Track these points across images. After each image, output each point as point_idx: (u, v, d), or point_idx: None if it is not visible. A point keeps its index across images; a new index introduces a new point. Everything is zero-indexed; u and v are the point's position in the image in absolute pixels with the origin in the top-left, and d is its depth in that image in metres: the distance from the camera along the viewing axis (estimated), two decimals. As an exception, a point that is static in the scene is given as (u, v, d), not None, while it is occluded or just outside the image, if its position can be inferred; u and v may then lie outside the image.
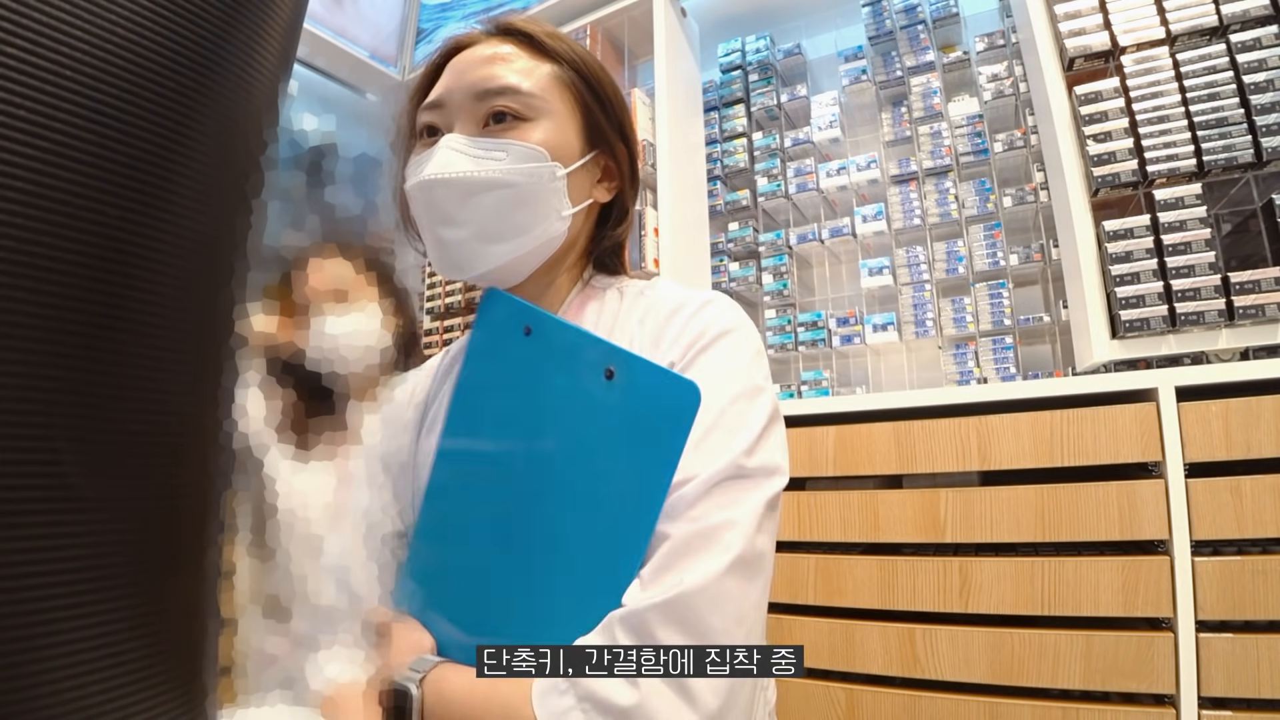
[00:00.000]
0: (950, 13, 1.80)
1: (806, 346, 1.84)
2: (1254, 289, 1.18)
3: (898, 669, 1.21)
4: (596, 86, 0.63)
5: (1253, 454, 1.03)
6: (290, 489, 0.91)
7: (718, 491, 0.47)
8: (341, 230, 0.97)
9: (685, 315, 0.56)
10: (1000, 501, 1.17)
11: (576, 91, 0.61)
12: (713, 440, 0.49)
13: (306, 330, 0.92)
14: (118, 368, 0.20)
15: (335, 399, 0.97)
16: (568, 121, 0.60)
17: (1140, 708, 1.06)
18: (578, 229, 0.63)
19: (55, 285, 0.18)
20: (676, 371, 0.51)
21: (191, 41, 0.21)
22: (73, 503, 0.19)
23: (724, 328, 0.55)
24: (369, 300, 0.96)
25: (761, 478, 0.50)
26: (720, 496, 0.47)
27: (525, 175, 0.56)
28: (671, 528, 0.46)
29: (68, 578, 0.19)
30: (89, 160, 0.19)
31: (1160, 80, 1.32)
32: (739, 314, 0.58)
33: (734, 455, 0.48)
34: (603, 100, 0.63)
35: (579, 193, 0.61)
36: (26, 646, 0.18)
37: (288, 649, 0.86)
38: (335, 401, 0.97)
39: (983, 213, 1.68)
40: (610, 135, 0.63)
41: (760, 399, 0.53)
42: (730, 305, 0.59)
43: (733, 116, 2.05)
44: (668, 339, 0.56)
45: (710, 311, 0.57)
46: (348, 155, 0.93)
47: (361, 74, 2.40)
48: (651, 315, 0.59)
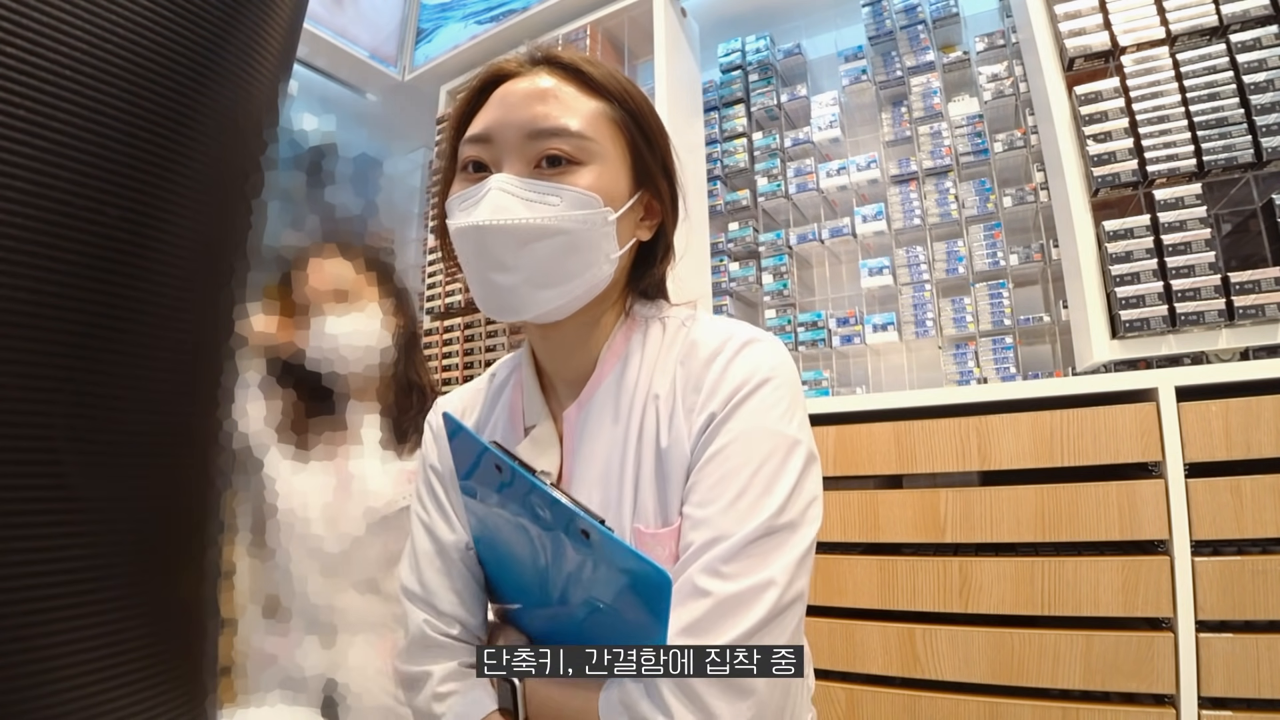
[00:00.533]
0: (950, 13, 1.80)
1: (806, 346, 1.84)
2: (1254, 289, 1.18)
3: (898, 669, 1.21)
4: (644, 124, 0.62)
5: (1253, 454, 1.03)
6: (290, 489, 0.91)
7: (753, 549, 0.50)
8: (341, 230, 0.97)
9: (724, 361, 0.57)
10: (1000, 501, 1.17)
11: (626, 132, 0.60)
12: (746, 501, 0.51)
13: (306, 330, 0.92)
14: (118, 368, 0.20)
15: (335, 399, 0.97)
16: (618, 164, 0.59)
17: (1140, 708, 1.06)
18: (621, 267, 0.62)
19: (55, 285, 0.18)
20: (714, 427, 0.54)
21: (191, 42, 0.21)
22: (72, 503, 0.19)
23: (764, 376, 0.56)
24: (369, 300, 0.96)
25: (792, 532, 0.52)
26: (755, 554, 0.50)
27: (579, 222, 0.55)
28: (710, 584, 0.49)
29: (68, 578, 0.19)
30: (89, 160, 0.19)
31: (1160, 80, 1.32)
32: (778, 357, 0.58)
33: (767, 515, 0.51)
34: (649, 138, 0.62)
35: (625, 234, 0.60)
36: (27, 646, 0.18)
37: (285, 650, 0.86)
38: (335, 401, 0.97)
39: (983, 213, 1.68)
40: (655, 174, 0.62)
41: (795, 454, 0.54)
42: (770, 349, 0.58)
43: (733, 116, 2.05)
44: (707, 386, 0.56)
45: (750, 357, 0.57)
46: (348, 155, 0.93)
47: (361, 74, 2.40)
48: (692, 357, 0.59)
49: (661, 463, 0.57)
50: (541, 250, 0.55)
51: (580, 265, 0.57)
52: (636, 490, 0.58)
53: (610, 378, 0.62)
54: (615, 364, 0.62)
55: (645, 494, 0.57)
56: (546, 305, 0.57)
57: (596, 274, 0.58)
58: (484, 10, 2.28)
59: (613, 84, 0.60)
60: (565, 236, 0.55)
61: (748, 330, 0.59)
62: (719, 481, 0.53)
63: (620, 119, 0.60)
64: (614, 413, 0.60)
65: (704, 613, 0.48)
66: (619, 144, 0.60)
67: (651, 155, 0.62)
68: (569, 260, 0.56)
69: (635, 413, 0.59)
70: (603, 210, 0.56)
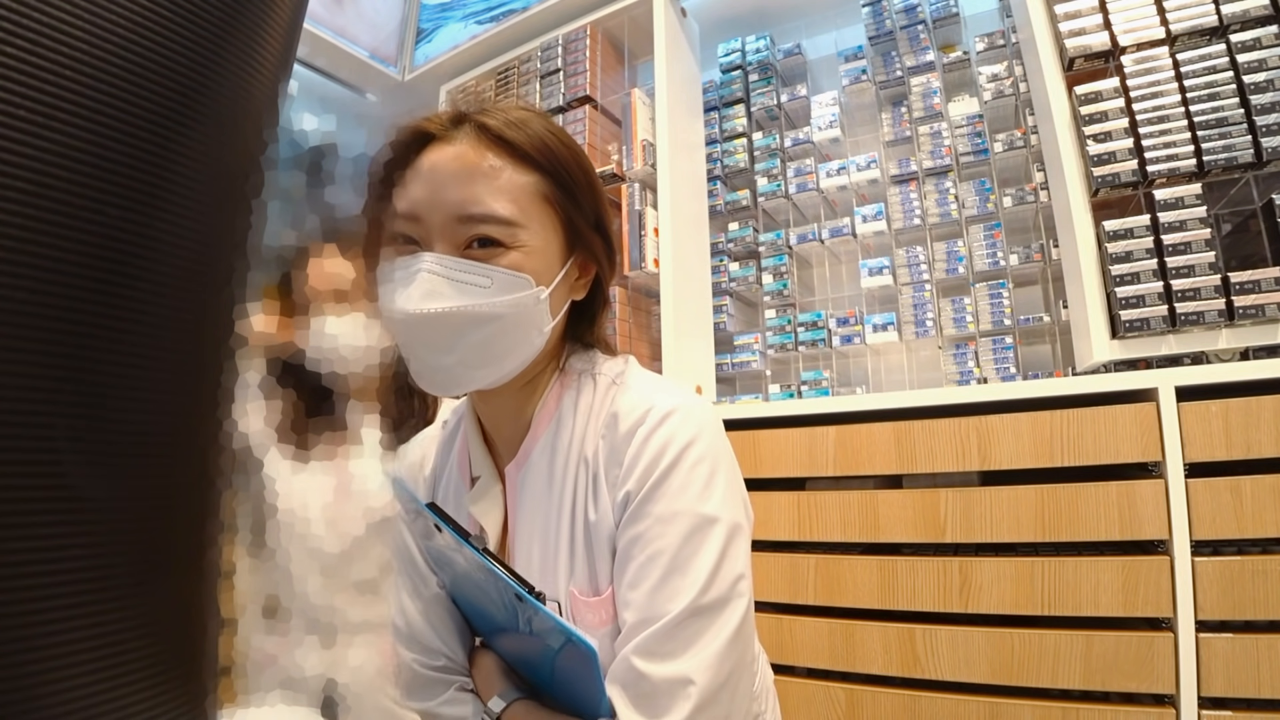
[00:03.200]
0: (950, 13, 1.80)
1: (806, 346, 1.84)
2: (1254, 289, 1.18)
3: (898, 669, 1.21)
4: (574, 188, 0.60)
5: (1253, 454, 1.03)
6: (290, 489, 0.91)
7: (682, 630, 0.51)
8: (341, 230, 0.97)
9: (642, 436, 0.57)
10: (1000, 501, 1.17)
11: (557, 205, 0.59)
12: (671, 585, 0.53)
13: (306, 330, 0.91)
14: (118, 368, 0.20)
15: (335, 399, 0.97)
16: (550, 238, 0.59)
17: (1140, 708, 1.06)
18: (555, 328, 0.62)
19: (56, 285, 0.18)
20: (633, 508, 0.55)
21: (191, 41, 0.21)
22: (73, 503, 0.19)
23: (679, 449, 0.56)
24: (369, 300, 0.95)
25: (720, 610, 0.53)
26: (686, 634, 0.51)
27: (510, 306, 0.56)
28: (645, 665, 0.51)
29: (68, 578, 0.19)
30: (89, 160, 0.19)
31: (1160, 80, 1.32)
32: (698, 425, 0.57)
33: (691, 597, 0.52)
34: (578, 198, 0.61)
35: (558, 303, 0.61)
36: (27, 646, 0.18)
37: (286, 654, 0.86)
38: (335, 402, 0.97)
39: (983, 213, 1.68)
40: (587, 234, 0.62)
41: (712, 532, 0.54)
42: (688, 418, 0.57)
43: (733, 116, 2.05)
44: (626, 462, 0.57)
45: (666, 431, 0.56)
46: (348, 155, 0.93)
47: (361, 74, 2.40)
48: (613, 429, 0.59)
49: (590, 534, 0.58)
50: (474, 337, 0.55)
51: (513, 344, 0.57)
52: (571, 555, 0.59)
53: (544, 438, 0.63)
54: (549, 424, 0.63)
55: (579, 560, 0.59)
56: (483, 382, 0.58)
57: (529, 349, 0.59)
58: (484, 10, 2.28)
59: (541, 150, 0.58)
60: (497, 322, 0.55)
61: (670, 397, 0.59)
62: (643, 565, 0.54)
63: (550, 193, 0.59)
64: (548, 475, 0.62)
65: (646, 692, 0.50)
66: (549, 218, 0.59)
67: (583, 217, 0.61)
68: (501, 341, 0.57)
69: (569, 476, 0.60)
70: (534, 291, 0.57)
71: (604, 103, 2.03)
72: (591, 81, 2.00)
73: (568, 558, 0.59)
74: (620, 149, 1.96)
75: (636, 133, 1.90)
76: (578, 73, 2.02)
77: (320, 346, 0.91)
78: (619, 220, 1.88)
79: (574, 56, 2.04)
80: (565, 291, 0.62)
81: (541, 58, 2.12)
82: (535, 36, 2.17)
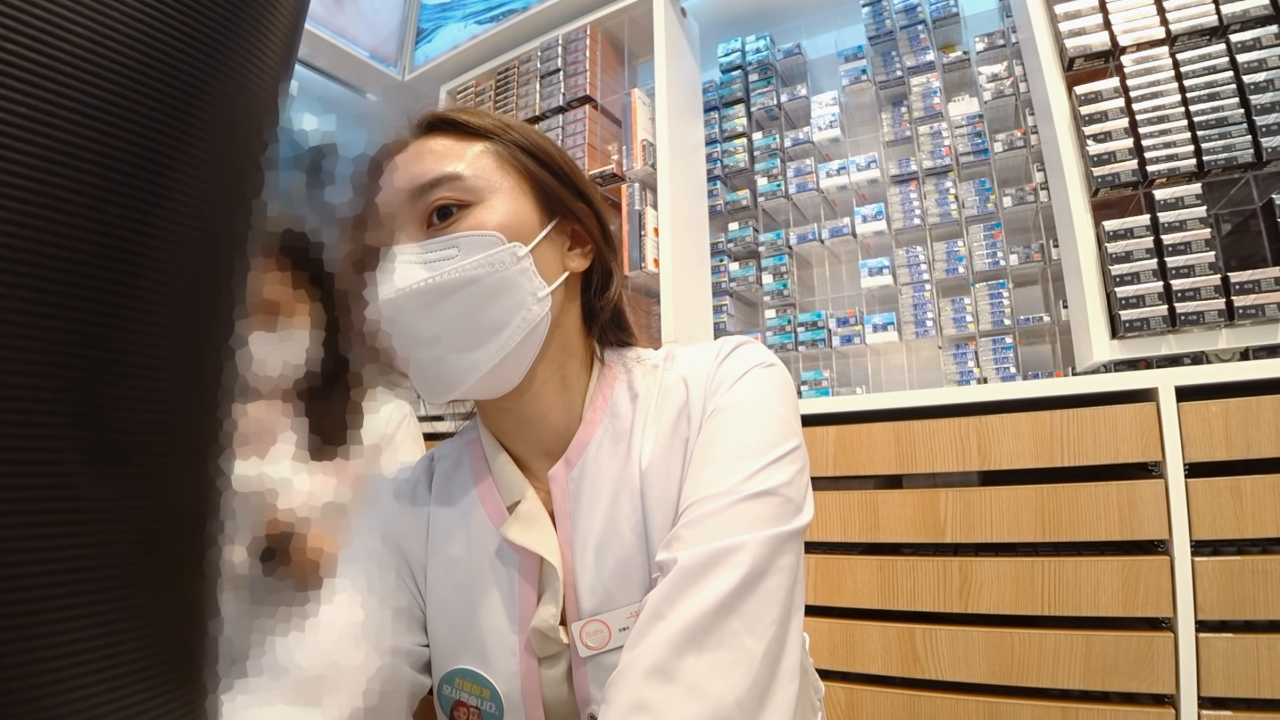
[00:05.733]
0: (950, 13, 1.80)
1: (806, 346, 1.84)
2: (1254, 289, 1.18)
3: (898, 669, 1.21)
4: (537, 151, 0.58)
5: (1253, 454, 1.03)
6: (290, 489, 0.90)
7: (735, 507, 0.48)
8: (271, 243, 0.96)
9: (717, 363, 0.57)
10: (1000, 501, 1.17)
11: (517, 162, 0.57)
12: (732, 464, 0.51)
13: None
14: (119, 368, 0.20)
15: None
16: (518, 195, 0.56)
17: (1140, 708, 1.06)
18: (561, 306, 0.58)
19: (56, 285, 0.18)
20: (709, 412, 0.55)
21: (192, 40, 0.21)
22: (74, 503, 0.19)
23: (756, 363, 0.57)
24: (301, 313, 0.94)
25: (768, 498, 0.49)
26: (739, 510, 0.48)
27: (485, 265, 0.51)
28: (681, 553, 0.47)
29: (68, 578, 0.19)
30: (89, 159, 0.19)
31: (1160, 80, 1.32)
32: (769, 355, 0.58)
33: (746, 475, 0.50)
34: (548, 164, 0.58)
35: (550, 267, 0.56)
36: (27, 646, 0.18)
37: None
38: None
39: (983, 213, 1.68)
40: (567, 199, 0.58)
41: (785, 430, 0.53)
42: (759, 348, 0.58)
43: (733, 116, 2.05)
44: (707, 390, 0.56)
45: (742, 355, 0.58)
46: (348, 155, 0.93)
47: (361, 74, 2.40)
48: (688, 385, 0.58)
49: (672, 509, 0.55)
50: (451, 309, 0.51)
51: (504, 312, 0.53)
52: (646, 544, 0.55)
53: (600, 429, 0.59)
54: (604, 413, 0.59)
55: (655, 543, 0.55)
56: (482, 369, 0.52)
57: (527, 316, 0.54)
58: (484, 10, 2.27)
59: (490, 123, 0.57)
60: (475, 286, 0.51)
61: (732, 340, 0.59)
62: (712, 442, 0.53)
63: (505, 152, 0.57)
64: (614, 461, 0.57)
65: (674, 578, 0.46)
66: (510, 174, 0.56)
67: (558, 180, 0.58)
68: (488, 311, 0.52)
69: (635, 458, 0.57)
70: (509, 246, 0.53)
71: (604, 103, 2.03)
72: (591, 81, 2.00)
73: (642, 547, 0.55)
74: (620, 149, 1.96)
75: (636, 133, 1.90)
76: (578, 73, 2.02)
77: None
78: (619, 220, 1.88)
79: (574, 56, 2.04)
80: (557, 257, 0.58)
81: (541, 58, 2.12)
82: (535, 36, 2.17)
